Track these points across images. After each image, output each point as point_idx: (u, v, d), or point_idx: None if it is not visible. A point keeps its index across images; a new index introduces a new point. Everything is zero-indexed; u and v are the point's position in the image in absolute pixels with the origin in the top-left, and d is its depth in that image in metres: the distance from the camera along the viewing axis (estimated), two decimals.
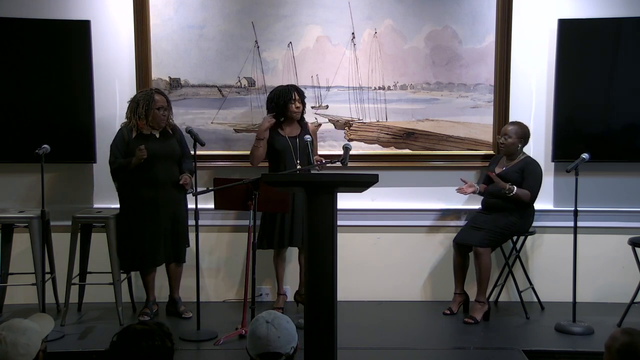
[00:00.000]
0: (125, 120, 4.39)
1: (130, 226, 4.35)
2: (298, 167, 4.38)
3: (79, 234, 4.40)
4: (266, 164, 4.57)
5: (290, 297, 4.75)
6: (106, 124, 4.75)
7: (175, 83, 4.76)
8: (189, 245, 4.52)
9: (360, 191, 3.47)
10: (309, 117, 4.73)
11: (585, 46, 4.71)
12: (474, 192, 4.60)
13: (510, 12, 4.68)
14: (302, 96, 4.49)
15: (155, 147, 4.31)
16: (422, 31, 4.76)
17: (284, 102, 4.43)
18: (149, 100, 4.29)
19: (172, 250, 4.43)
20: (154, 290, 4.56)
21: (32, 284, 4.29)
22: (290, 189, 3.81)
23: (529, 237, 4.74)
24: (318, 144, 4.73)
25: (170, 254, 4.43)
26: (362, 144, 4.84)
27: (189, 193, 4.39)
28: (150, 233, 4.34)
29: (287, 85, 4.52)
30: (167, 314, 4.59)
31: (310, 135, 4.37)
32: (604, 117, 4.81)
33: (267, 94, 4.71)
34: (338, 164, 4.09)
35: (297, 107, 4.43)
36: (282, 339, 2.29)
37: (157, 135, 4.37)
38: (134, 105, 4.33)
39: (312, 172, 4.27)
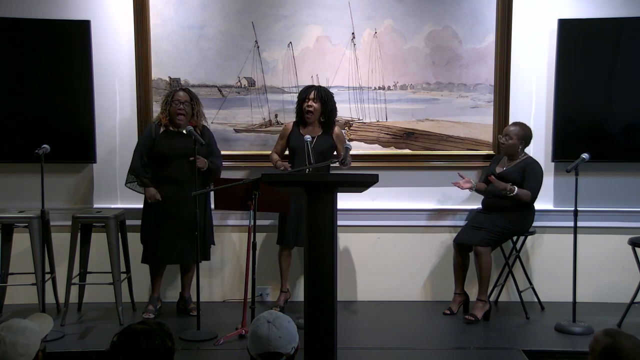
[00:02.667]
0: (155, 118, 4.49)
1: (148, 221, 4.40)
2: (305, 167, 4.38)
3: (79, 234, 4.40)
4: (267, 164, 4.59)
5: (290, 297, 4.75)
6: (106, 124, 4.76)
7: (175, 83, 4.75)
8: (214, 244, 4.58)
9: (360, 191, 3.47)
10: None
11: (585, 46, 4.71)
12: (470, 189, 4.60)
13: (510, 12, 4.68)
14: (322, 96, 4.43)
15: (176, 145, 4.33)
16: (422, 31, 4.76)
17: (300, 100, 4.47)
18: (169, 95, 4.40)
19: (188, 250, 4.36)
20: (159, 287, 4.57)
21: (32, 284, 4.28)
22: (290, 189, 3.81)
23: (529, 237, 4.74)
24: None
25: (186, 253, 4.38)
26: (362, 144, 4.84)
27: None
28: (164, 230, 4.35)
29: (312, 85, 4.55)
30: (177, 311, 4.62)
31: (335, 136, 4.43)
32: (604, 117, 4.81)
33: (267, 94, 4.73)
34: (338, 164, 4.09)
35: (309, 106, 4.41)
36: (283, 339, 2.29)
37: (184, 132, 4.33)
38: (161, 102, 4.46)
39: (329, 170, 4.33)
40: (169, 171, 4.34)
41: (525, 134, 4.48)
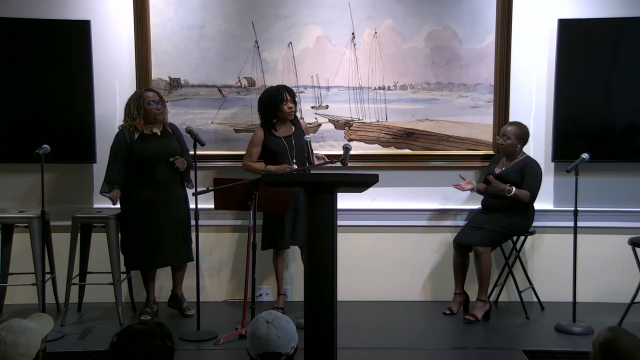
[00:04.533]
0: (123, 122, 4.39)
1: (131, 226, 4.36)
2: (294, 167, 4.38)
3: (79, 234, 4.40)
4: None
5: (290, 298, 4.75)
6: (106, 124, 4.75)
7: (175, 83, 4.76)
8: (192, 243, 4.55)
9: (360, 191, 3.47)
10: (309, 118, 4.75)
11: (585, 46, 4.71)
12: (471, 190, 4.62)
13: (510, 12, 4.68)
14: (293, 95, 4.48)
15: (156, 148, 4.32)
16: (422, 31, 4.76)
17: (276, 104, 4.43)
18: (139, 99, 4.33)
19: (176, 251, 4.41)
20: (154, 290, 4.56)
21: (32, 284, 4.29)
22: (290, 189, 3.81)
23: (529, 237, 4.74)
24: (317, 143, 4.72)
25: (174, 255, 4.41)
26: (362, 144, 4.84)
27: (187, 186, 4.39)
28: (151, 233, 4.33)
29: (277, 86, 4.51)
30: (169, 308, 4.61)
31: (305, 129, 4.43)
32: (604, 117, 4.81)
33: None
34: (338, 164, 4.09)
35: (290, 108, 4.43)
36: (282, 339, 2.29)
37: (159, 134, 4.37)
38: (127, 108, 4.36)
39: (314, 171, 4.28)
40: (150, 175, 4.31)
41: (522, 133, 4.48)
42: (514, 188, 4.36)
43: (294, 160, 4.41)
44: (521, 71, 4.78)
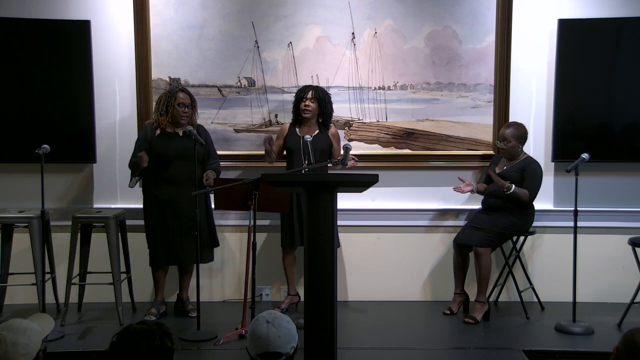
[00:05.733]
0: (150, 119, 4.42)
1: (149, 223, 4.38)
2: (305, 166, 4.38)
3: (79, 234, 4.40)
4: (267, 164, 4.61)
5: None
6: (106, 124, 4.76)
7: (175, 83, 4.75)
8: (217, 245, 4.57)
9: (360, 191, 3.47)
10: None
11: (585, 46, 4.71)
12: (471, 192, 4.62)
13: (510, 12, 4.68)
14: (320, 96, 4.45)
15: (176, 146, 4.32)
16: (422, 31, 4.76)
17: (297, 99, 4.46)
18: (171, 97, 4.33)
19: (191, 250, 4.34)
20: (163, 290, 4.55)
21: (32, 284, 4.29)
22: (290, 189, 3.81)
23: (529, 237, 4.74)
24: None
25: (188, 253, 4.37)
26: (362, 144, 4.84)
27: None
28: (166, 231, 4.34)
29: (310, 85, 4.55)
30: (175, 312, 4.61)
31: (331, 135, 4.46)
32: (604, 117, 4.81)
33: (267, 94, 4.73)
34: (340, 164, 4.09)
35: (306, 106, 4.42)
36: (282, 339, 2.29)
37: (180, 134, 4.36)
38: (157, 103, 4.39)
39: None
40: (168, 173, 4.32)
41: (520, 133, 4.47)
42: (513, 186, 4.36)
43: (306, 162, 4.39)
44: (521, 71, 4.78)
